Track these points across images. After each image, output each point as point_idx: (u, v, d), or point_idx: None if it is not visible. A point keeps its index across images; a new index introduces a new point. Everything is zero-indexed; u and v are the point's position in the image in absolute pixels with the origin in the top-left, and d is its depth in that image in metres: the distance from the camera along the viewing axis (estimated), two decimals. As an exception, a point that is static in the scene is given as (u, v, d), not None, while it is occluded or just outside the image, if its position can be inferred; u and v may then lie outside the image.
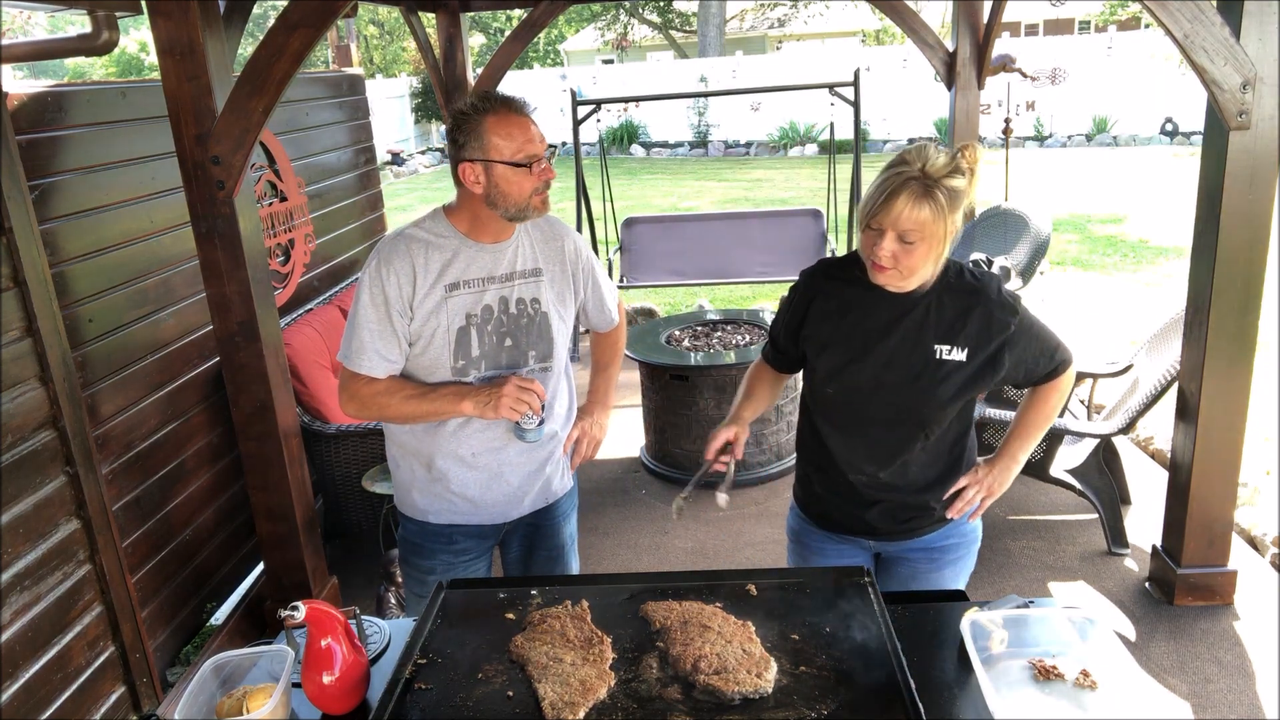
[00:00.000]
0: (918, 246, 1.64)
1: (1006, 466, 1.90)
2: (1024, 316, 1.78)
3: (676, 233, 6.16)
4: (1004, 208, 5.42)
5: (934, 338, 1.75)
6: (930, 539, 1.95)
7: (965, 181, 1.64)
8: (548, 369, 2.03)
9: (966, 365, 1.75)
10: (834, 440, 1.88)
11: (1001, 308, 1.76)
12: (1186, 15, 2.56)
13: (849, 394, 1.81)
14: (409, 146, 19.99)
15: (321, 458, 3.53)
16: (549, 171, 1.89)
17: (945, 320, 1.75)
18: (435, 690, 1.48)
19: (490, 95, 1.87)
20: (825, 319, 1.83)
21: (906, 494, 1.88)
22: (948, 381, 1.75)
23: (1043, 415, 1.91)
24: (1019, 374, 1.82)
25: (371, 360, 1.92)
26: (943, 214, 1.61)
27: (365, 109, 5.15)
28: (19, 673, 2.24)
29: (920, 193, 1.60)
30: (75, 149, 2.76)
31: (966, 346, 1.74)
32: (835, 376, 1.81)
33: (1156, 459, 4.21)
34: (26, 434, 2.31)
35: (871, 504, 1.90)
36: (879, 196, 1.64)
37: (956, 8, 5.14)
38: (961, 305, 1.75)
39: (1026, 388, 1.92)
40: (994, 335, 1.75)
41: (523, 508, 2.11)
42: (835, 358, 1.81)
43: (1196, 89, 2.97)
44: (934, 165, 1.61)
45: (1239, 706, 2.62)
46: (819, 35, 24.85)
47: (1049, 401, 1.90)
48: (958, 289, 1.76)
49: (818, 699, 1.41)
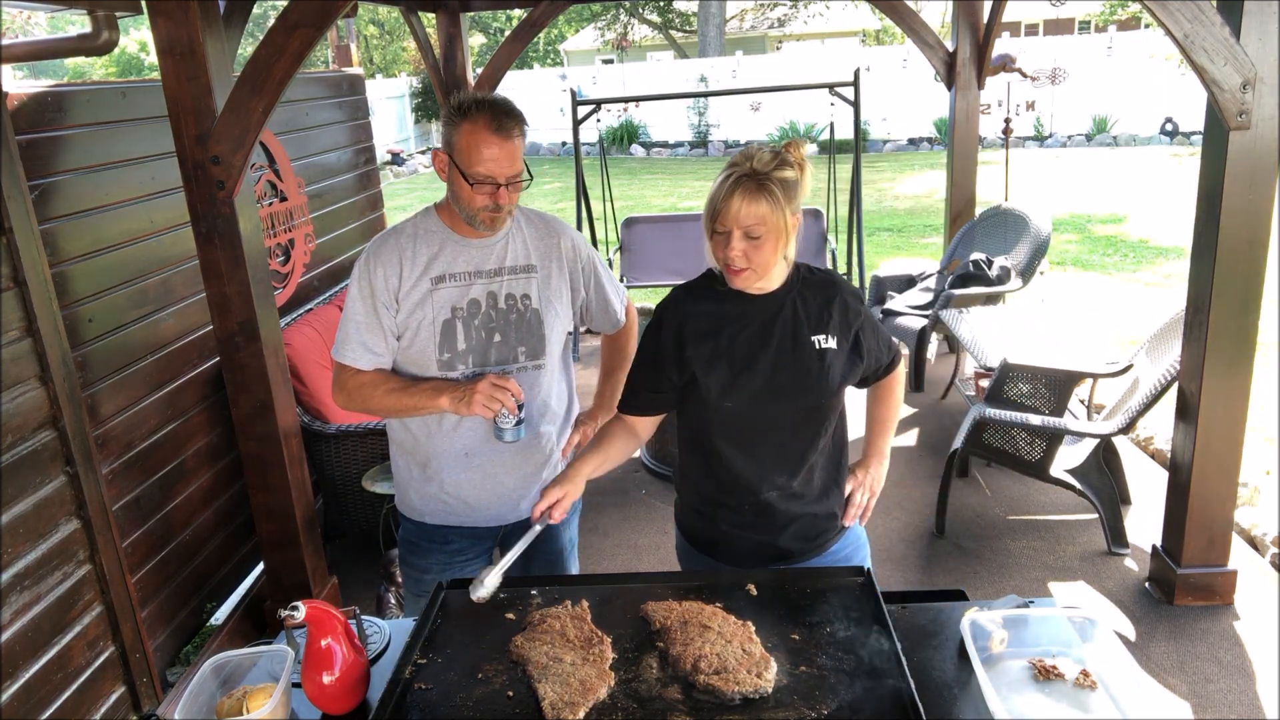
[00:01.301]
0: (765, 241, 1.70)
1: (880, 463, 1.99)
2: (866, 307, 1.89)
3: (676, 233, 6.16)
4: (1004, 208, 5.43)
5: (808, 330, 1.81)
6: (834, 550, 1.95)
7: (796, 174, 1.71)
8: (540, 366, 2.02)
9: (840, 351, 1.82)
10: (739, 460, 1.84)
11: (854, 296, 1.87)
12: (1186, 15, 2.56)
13: (748, 404, 1.81)
14: (409, 146, 19.99)
15: (321, 458, 3.53)
16: (503, 196, 1.85)
17: (813, 312, 1.82)
18: (435, 690, 1.47)
19: (482, 102, 1.82)
20: (703, 339, 1.82)
21: (813, 504, 1.88)
22: (832, 369, 1.81)
23: (892, 407, 2.03)
24: (871, 362, 1.89)
25: (356, 351, 1.94)
26: (779, 206, 1.68)
27: (365, 109, 5.15)
28: (19, 673, 2.24)
29: (754, 189, 1.67)
30: (75, 149, 2.76)
31: (835, 334, 1.82)
32: (730, 389, 1.80)
33: (1156, 459, 4.22)
34: (26, 434, 2.31)
35: (784, 526, 1.88)
36: (717, 199, 1.71)
37: (956, 8, 5.14)
38: (823, 297, 1.83)
39: (869, 385, 2.01)
40: (852, 322, 1.85)
41: (519, 512, 2.10)
42: (725, 371, 1.80)
43: (1196, 89, 2.97)
44: (761, 161, 1.69)
45: (1239, 706, 2.62)
46: (819, 35, 24.85)
47: (895, 393, 2.02)
48: (814, 283, 1.85)
49: (818, 699, 1.41)
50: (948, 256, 5.39)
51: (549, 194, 13.73)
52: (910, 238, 9.83)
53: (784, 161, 1.70)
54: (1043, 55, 15.17)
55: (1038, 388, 3.72)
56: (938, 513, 3.69)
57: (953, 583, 3.31)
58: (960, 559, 3.50)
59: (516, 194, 1.89)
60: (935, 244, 9.11)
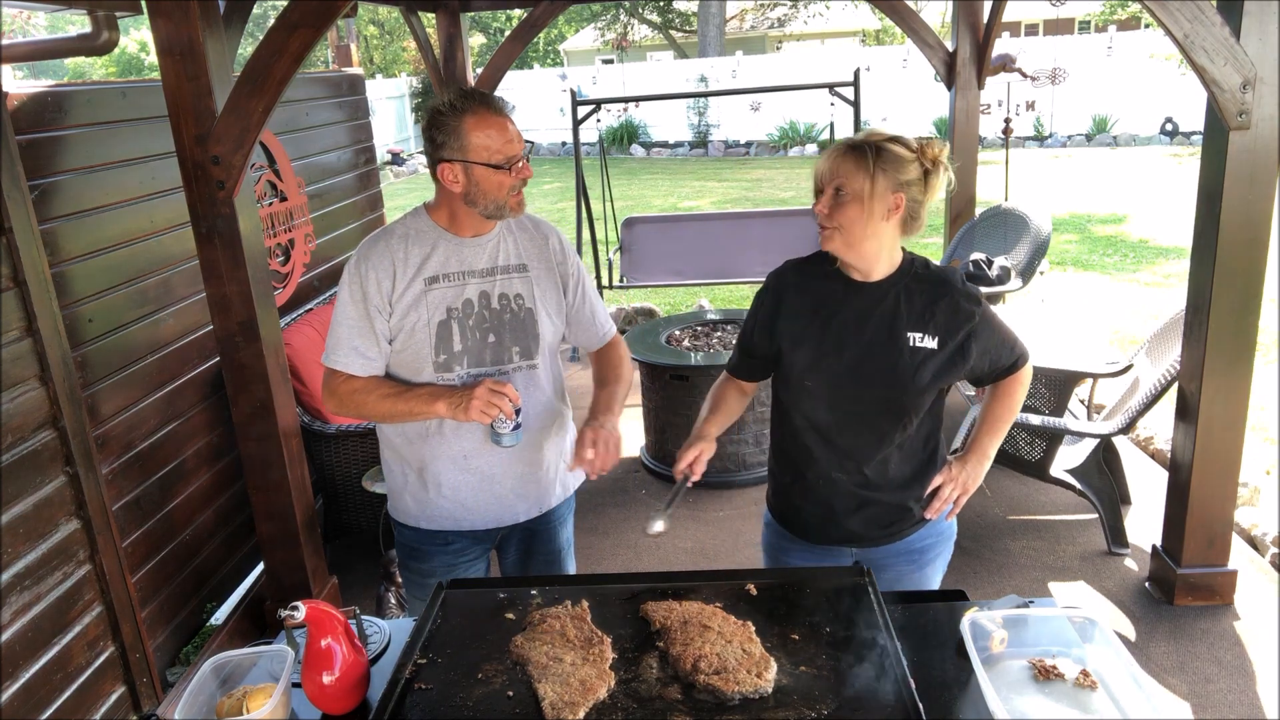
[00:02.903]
0: (849, 202, 1.71)
1: (978, 462, 1.94)
2: (986, 309, 1.84)
3: (676, 233, 6.15)
4: (1004, 208, 5.42)
5: (906, 326, 1.79)
6: (910, 540, 1.96)
7: (907, 153, 1.71)
8: (534, 367, 2.02)
9: (939, 352, 1.79)
10: (815, 439, 1.87)
11: (967, 298, 1.81)
12: (1186, 15, 2.56)
13: (829, 385, 1.82)
14: (409, 146, 19.99)
15: (321, 458, 3.53)
16: (526, 170, 1.89)
17: (915, 309, 1.80)
18: (435, 690, 1.47)
19: (468, 94, 1.84)
20: (798, 315, 1.84)
21: (887, 494, 1.89)
22: (923, 368, 1.78)
23: (1008, 409, 1.96)
24: (984, 365, 1.87)
25: (347, 356, 1.92)
26: (868, 169, 1.69)
27: (365, 109, 5.15)
28: (19, 673, 2.24)
29: (851, 150, 1.71)
30: (75, 149, 2.76)
31: (937, 335, 1.79)
32: (813, 368, 1.82)
33: (1156, 459, 4.21)
34: (26, 434, 2.31)
35: (855, 509, 1.89)
36: (821, 161, 1.75)
37: (956, 8, 5.14)
38: (930, 295, 1.80)
39: (990, 384, 1.97)
40: (961, 324, 1.80)
41: (516, 514, 2.09)
42: (812, 351, 1.82)
43: (1196, 89, 2.97)
44: (874, 132, 1.72)
45: (1239, 706, 2.62)
46: (819, 35, 24.84)
47: (1013, 395, 1.96)
48: (925, 279, 1.82)
49: (818, 699, 1.41)
50: (948, 256, 5.39)
51: (549, 194, 13.72)
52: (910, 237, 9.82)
53: (899, 140, 1.71)
54: (1043, 55, 15.15)
55: (1038, 388, 3.72)
56: (938, 513, 3.68)
57: (953, 583, 3.29)
58: (960, 559, 3.49)
59: (529, 170, 1.91)
60: (935, 244, 9.07)
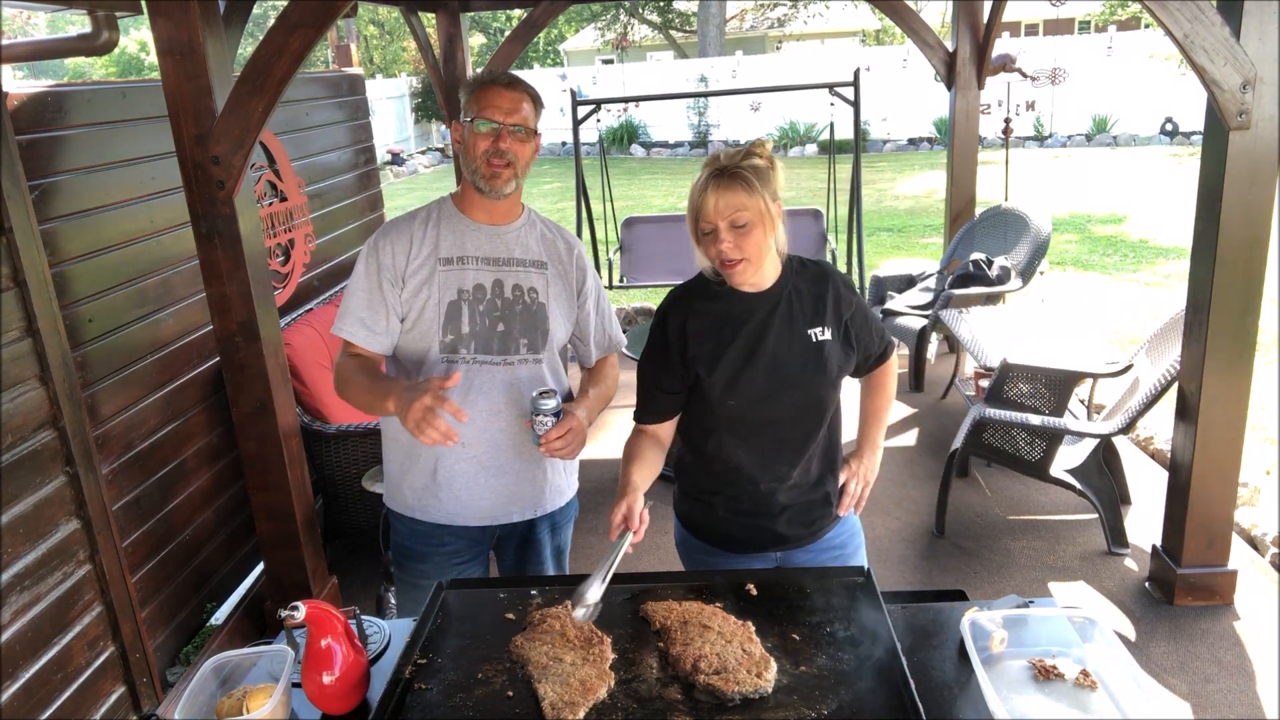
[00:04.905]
0: (751, 228, 1.72)
1: (873, 454, 2.02)
2: (859, 296, 1.91)
3: (676, 233, 6.15)
4: (1004, 208, 5.43)
5: (804, 324, 1.83)
6: (830, 537, 1.99)
7: (764, 163, 1.74)
8: (539, 361, 2.02)
9: (835, 341, 1.85)
10: (742, 453, 1.86)
11: (846, 286, 1.89)
12: (1186, 15, 2.56)
13: (750, 400, 1.82)
14: (409, 146, 20.00)
15: (321, 458, 3.53)
16: (504, 140, 1.88)
17: (807, 305, 1.84)
18: (435, 690, 1.48)
19: (494, 71, 1.95)
20: (704, 339, 1.83)
21: (808, 491, 1.91)
22: (829, 359, 1.83)
23: (886, 399, 2.05)
24: (860, 354, 1.92)
25: (353, 326, 1.93)
26: (756, 191, 1.71)
27: (365, 109, 5.16)
28: (19, 673, 2.24)
29: (727, 179, 1.71)
30: (75, 149, 2.76)
31: (830, 325, 1.85)
32: (732, 387, 1.81)
33: (1156, 459, 4.21)
34: (26, 434, 2.31)
35: (779, 512, 1.90)
36: (696, 199, 1.75)
37: (956, 8, 5.14)
38: (817, 289, 1.86)
39: (861, 376, 2.03)
40: (844, 312, 1.87)
41: (511, 515, 2.08)
42: (727, 369, 1.82)
43: (1196, 89, 2.97)
44: (727, 155, 1.74)
45: (1239, 706, 2.62)
46: (819, 35, 24.85)
47: (887, 386, 2.05)
48: (808, 275, 1.87)
49: (818, 699, 1.41)
50: (948, 256, 5.40)
51: (549, 194, 13.72)
52: (910, 238, 9.83)
53: (750, 154, 1.74)
54: (1043, 55, 15.16)
55: (1038, 388, 3.72)
56: (938, 513, 3.69)
57: (953, 583, 3.31)
58: (960, 559, 3.50)
59: (520, 147, 1.91)
60: (935, 244, 9.11)
